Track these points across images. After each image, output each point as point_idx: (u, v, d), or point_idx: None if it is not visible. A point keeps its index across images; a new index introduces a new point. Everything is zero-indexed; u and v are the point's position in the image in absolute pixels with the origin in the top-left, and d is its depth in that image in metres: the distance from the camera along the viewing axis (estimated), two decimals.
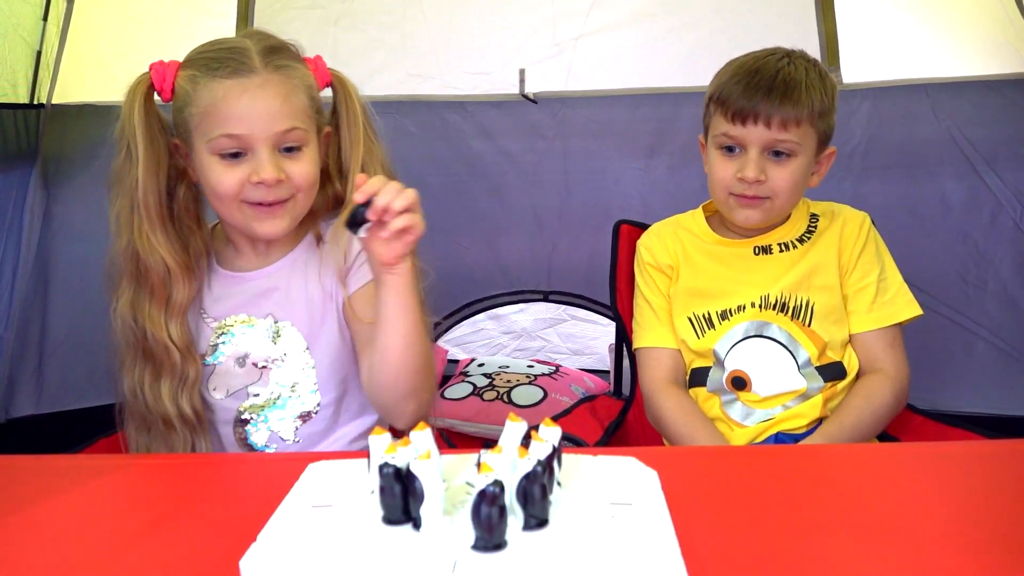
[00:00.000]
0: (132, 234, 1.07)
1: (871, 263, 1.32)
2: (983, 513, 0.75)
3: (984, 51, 2.06)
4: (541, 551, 0.62)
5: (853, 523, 0.73)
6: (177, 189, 1.12)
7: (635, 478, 0.75)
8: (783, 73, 1.23)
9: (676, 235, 1.40)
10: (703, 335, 1.32)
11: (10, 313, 2.17)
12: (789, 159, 1.25)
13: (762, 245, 1.34)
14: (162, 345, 1.08)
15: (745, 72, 1.25)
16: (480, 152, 2.29)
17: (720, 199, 1.31)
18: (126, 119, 1.05)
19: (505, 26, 2.27)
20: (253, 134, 1.03)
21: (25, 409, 2.20)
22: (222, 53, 1.05)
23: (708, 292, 1.33)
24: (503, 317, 2.63)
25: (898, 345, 1.31)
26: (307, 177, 1.08)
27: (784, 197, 1.27)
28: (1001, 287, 2.05)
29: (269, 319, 1.14)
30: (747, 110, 1.23)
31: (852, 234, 1.32)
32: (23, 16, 2.12)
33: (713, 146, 1.30)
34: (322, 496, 0.73)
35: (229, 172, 1.05)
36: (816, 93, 1.24)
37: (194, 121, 1.04)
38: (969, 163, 2.05)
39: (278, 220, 1.09)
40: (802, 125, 1.23)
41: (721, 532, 0.72)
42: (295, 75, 1.07)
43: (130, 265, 1.08)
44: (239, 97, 1.02)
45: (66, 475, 0.90)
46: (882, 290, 1.31)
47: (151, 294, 1.09)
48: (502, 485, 0.60)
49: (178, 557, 0.71)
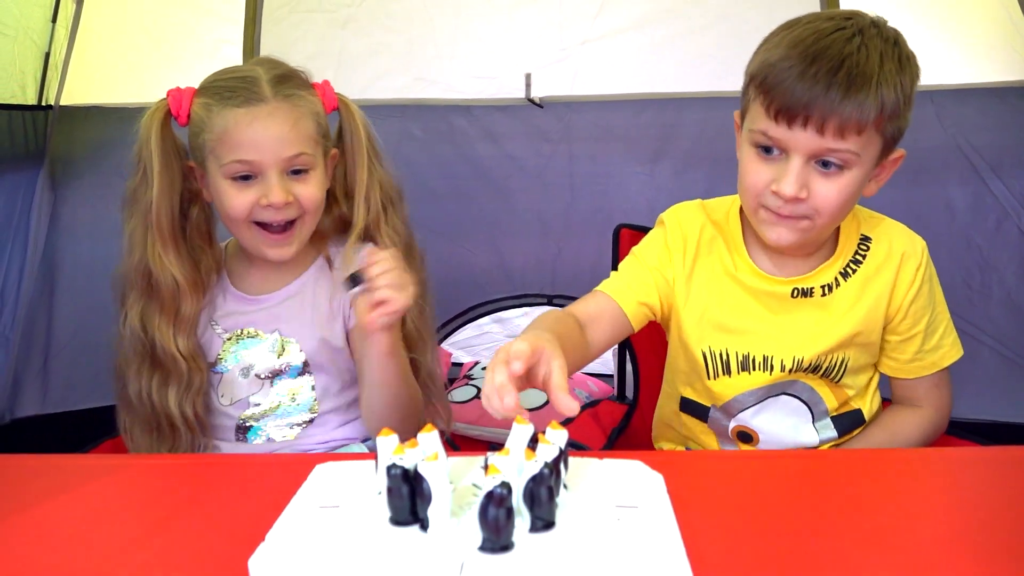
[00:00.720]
0: (145, 252, 1.13)
1: (923, 309, 1.11)
2: (987, 519, 0.75)
3: (989, 58, 2.07)
4: (548, 553, 0.62)
5: (858, 527, 0.73)
6: (191, 209, 1.18)
7: (641, 481, 0.75)
8: (851, 61, 0.94)
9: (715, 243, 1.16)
10: (715, 379, 1.15)
11: (16, 313, 2.18)
12: (840, 172, 0.98)
13: (803, 288, 1.10)
14: (170, 355, 1.14)
15: (800, 54, 0.95)
16: (485, 156, 2.30)
17: (749, 207, 1.07)
18: (143, 143, 1.12)
19: (511, 31, 2.28)
20: (263, 159, 1.09)
21: (30, 409, 2.20)
22: (234, 82, 1.11)
23: (730, 328, 1.13)
24: (507, 321, 2.63)
25: (942, 385, 1.15)
26: (313, 199, 1.14)
27: (827, 218, 1.01)
28: (1006, 294, 2.05)
29: (275, 334, 1.20)
30: (795, 109, 0.94)
31: (908, 278, 1.10)
32: (32, 18, 2.13)
33: (747, 141, 1.03)
34: (330, 497, 0.74)
35: (241, 195, 1.10)
36: (890, 89, 0.95)
37: (209, 146, 1.11)
38: (974, 170, 2.05)
39: (286, 247, 1.15)
40: (865, 131, 0.95)
41: (726, 535, 0.72)
42: (302, 103, 1.12)
43: (141, 280, 1.14)
44: (250, 124, 1.08)
45: (74, 475, 0.91)
46: (929, 334, 1.13)
47: (161, 308, 1.14)
48: (509, 487, 0.61)
49: (186, 556, 0.72)
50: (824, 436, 1.16)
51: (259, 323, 1.20)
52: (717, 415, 1.18)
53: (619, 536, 0.65)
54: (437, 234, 2.11)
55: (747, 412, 1.15)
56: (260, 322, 1.20)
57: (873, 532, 0.72)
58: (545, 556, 0.62)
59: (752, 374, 1.13)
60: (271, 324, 1.19)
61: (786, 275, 1.12)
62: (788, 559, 0.69)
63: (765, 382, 1.13)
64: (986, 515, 0.76)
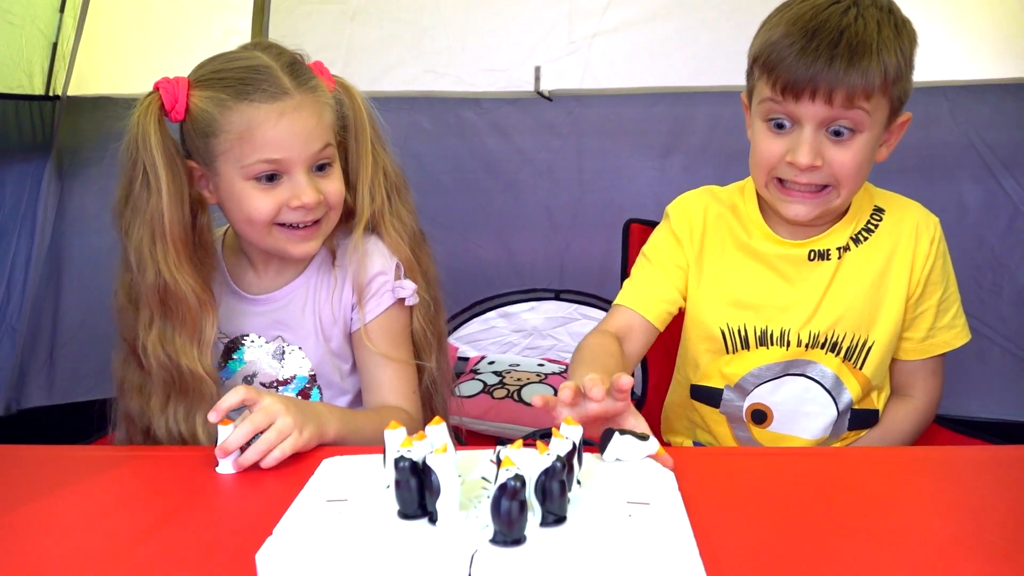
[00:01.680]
0: (159, 266, 1.01)
1: (937, 284, 1.13)
2: (998, 519, 0.74)
3: (1002, 54, 2.04)
4: (559, 547, 0.61)
5: (869, 525, 0.72)
6: (200, 217, 1.07)
7: (652, 478, 0.75)
8: (850, 32, 0.97)
9: (721, 221, 1.18)
10: (734, 353, 1.16)
11: (22, 304, 2.18)
12: (853, 136, 1.01)
13: (819, 250, 1.12)
14: (199, 379, 1.04)
15: (800, 30, 0.99)
16: (494, 149, 2.29)
17: (760, 182, 1.09)
18: (140, 143, 0.99)
19: (521, 23, 2.26)
20: (291, 157, 1.01)
21: (36, 400, 2.20)
22: (244, 73, 1.01)
23: (746, 303, 1.14)
24: (514, 315, 2.62)
25: (938, 372, 1.19)
26: (339, 194, 1.07)
27: (848, 186, 1.03)
28: (1017, 292, 2.03)
29: (278, 341, 1.14)
30: (802, 82, 0.97)
31: (924, 250, 1.12)
32: (40, 8, 2.12)
33: (758, 116, 1.06)
34: (337, 491, 0.73)
35: (266, 198, 1.02)
36: (891, 54, 0.98)
37: (223, 146, 1.01)
38: (987, 167, 2.03)
39: (312, 242, 1.08)
40: (872, 97, 0.98)
41: (737, 532, 0.72)
42: (322, 92, 1.05)
43: (157, 298, 1.03)
44: (278, 122, 0.99)
45: (81, 466, 0.91)
46: (941, 312, 1.14)
47: (181, 327, 1.03)
48: (523, 480, 0.60)
49: (194, 549, 0.71)
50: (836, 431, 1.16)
51: (260, 328, 1.14)
52: (731, 396, 1.18)
53: (631, 532, 0.64)
54: (445, 227, 2.10)
55: (764, 387, 1.15)
56: (261, 327, 1.14)
57: (884, 530, 0.72)
58: (556, 550, 0.61)
59: (770, 349, 1.14)
60: (272, 330, 1.14)
61: (800, 238, 1.13)
62: (799, 556, 0.68)
63: (783, 357, 1.14)
64: (996, 514, 0.75)
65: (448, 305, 1.26)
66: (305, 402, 1.02)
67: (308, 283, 1.15)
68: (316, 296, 1.14)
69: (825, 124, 1.01)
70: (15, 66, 2.08)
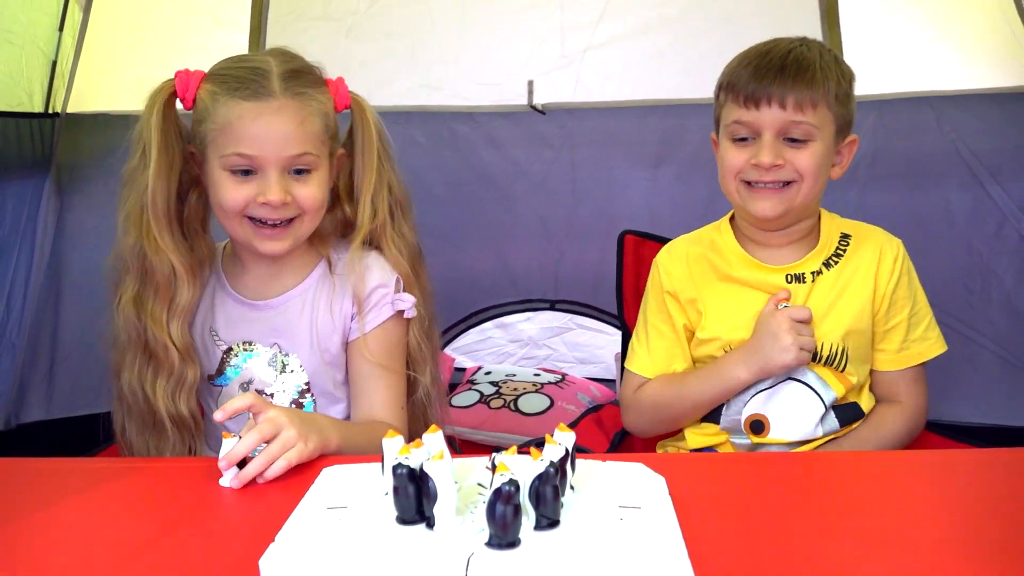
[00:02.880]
0: (140, 234, 1.09)
1: (904, 300, 1.24)
2: (985, 520, 0.76)
3: (988, 64, 2.08)
4: (553, 550, 0.63)
5: (857, 529, 0.74)
6: (190, 195, 1.14)
7: (643, 483, 0.77)
8: (795, 53, 1.17)
9: (703, 259, 1.29)
10: None
11: (22, 319, 2.19)
12: (807, 144, 1.16)
13: (795, 273, 1.23)
14: (162, 344, 1.09)
15: (755, 55, 1.19)
16: (488, 162, 2.31)
17: (730, 189, 1.22)
18: (144, 123, 1.08)
19: (514, 38, 2.29)
20: (264, 155, 1.05)
21: (35, 415, 2.21)
22: (244, 72, 1.07)
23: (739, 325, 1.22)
24: (510, 325, 2.64)
25: (920, 380, 1.26)
26: (313, 200, 1.10)
27: (810, 180, 1.17)
28: (1005, 298, 2.06)
29: (275, 348, 1.16)
30: (759, 92, 1.15)
31: (887, 269, 1.23)
32: (39, 26, 2.15)
33: (725, 137, 1.22)
34: (337, 498, 0.75)
35: (237, 189, 1.07)
36: (831, 76, 1.16)
37: (210, 135, 1.07)
38: (973, 175, 2.06)
39: (279, 243, 1.11)
40: (819, 107, 1.15)
41: (727, 535, 0.74)
42: (312, 101, 1.09)
43: (136, 263, 1.10)
44: (255, 120, 1.05)
45: (84, 477, 0.92)
46: (913, 326, 1.24)
47: (155, 293, 1.10)
48: (518, 484, 0.62)
49: (198, 557, 0.73)
50: (828, 427, 1.21)
51: (257, 336, 1.16)
52: (730, 411, 1.24)
53: (622, 535, 0.66)
54: (441, 239, 2.12)
55: (760, 397, 1.21)
56: (258, 334, 1.16)
57: (872, 533, 0.73)
58: (550, 553, 0.63)
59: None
60: (270, 337, 1.16)
61: (777, 263, 1.25)
62: (787, 559, 0.70)
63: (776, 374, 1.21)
64: (983, 516, 0.77)
65: (444, 316, 1.29)
66: (308, 414, 1.05)
67: (307, 292, 1.17)
68: (315, 304, 1.16)
69: (782, 132, 1.16)
70: (15, 84, 2.11)
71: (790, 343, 1.13)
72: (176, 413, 1.11)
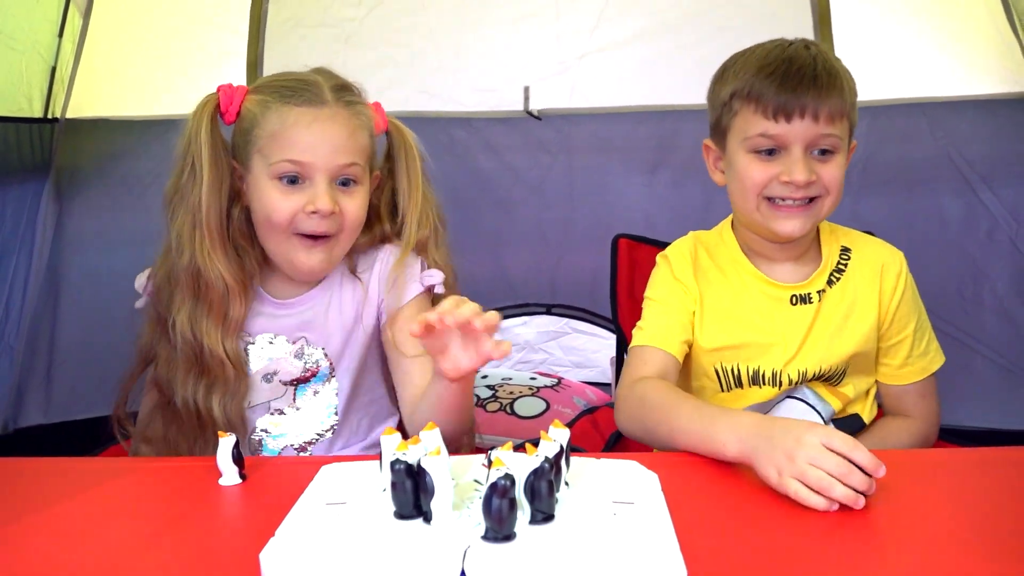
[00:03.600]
0: (194, 251, 1.09)
1: (908, 315, 1.20)
2: (981, 519, 0.77)
3: (980, 71, 2.10)
4: (547, 543, 0.64)
5: (849, 526, 0.75)
6: (232, 209, 1.14)
7: (637, 480, 0.78)
8: (820, 60, 1.09)
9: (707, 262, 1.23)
10: (728, 391, 1.20)
11: (20, 323, 2.20)
12: (833, 156, 1.11)
13: (802, 294, 1.19)
14: (218, 360, 1.10)
15: (778, 61, 1.10)
16: (486, 167, 2.33)
17: (750, 207, 1.14)
18: (192, 137, 1.08)
19: (510, 44, 2.31)
20: (316, 162, 1.07)
21: (33, 419, 2.21)
22: (294, 83, 1.09)
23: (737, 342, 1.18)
24: (507, 330, 2.65)
25: (929, 394, 1.22)
26: (357, 214, 1.11)
27: (834, 195, 1.12)
28: (998, 303, 2.08)
29: (301, 342, 1.18)
30: (791, 103, 1.07)
31: (891, 286, 1.19)
32: (39, 32, 2.16)
33: (743, 149, 1.13)
34: (336, 495, 0.76)
35: (286, 198, 1.08)
36: (850, 82, 1.12)
37: (258, 143, 1.08)
38: (965, 181, 2.08)
39: (318, 253, 1.11)
40: (844, 118, 1.10)
41: (719, 531, 0.75)
42: (361, 114, 1.11)
43: (190, 281, 1.10)
44: (309, 125, 1.06)
45: (85, 477, 0.93)
46: (918, 339, 1.20)
47: (209, 310, 1.10)
48: (513, 479, 0.63)
49: (199, 552, 0.74)
50: None
51: (285, 330, 1.17)
52: None
53: (615, 530, 0.67)
54: None
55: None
56: (286, 329, 1.17)
57: (864, 531, 0.74)
58: (544, 546, 0.64)
59: (763, 388, 1.19)
60: (297, 332, 1.17)
61: (783, 280, 1.20)
62: (777, 553, 0.71)
63: (775, 394, 1.19)
64: (980, 515, 0.78)
65: None
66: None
67: (332, 287, 1.19)
68: (341, 298, 1.19)
69: (811, 146, 1.10)
70: (15, 89, 2.12)
71: (799, 471, 0.80)
72: (228, 421, 1.12)
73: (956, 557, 0.69)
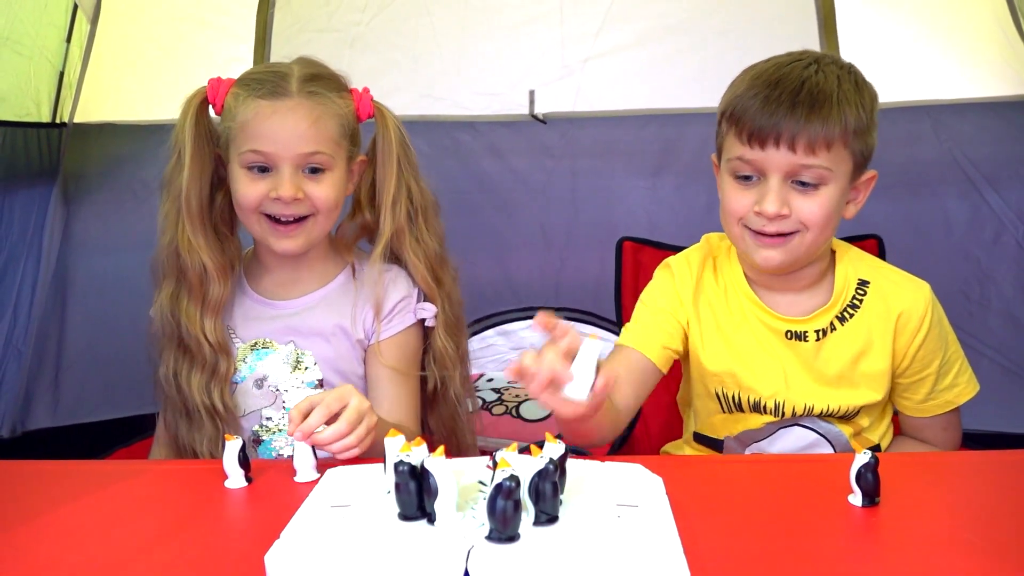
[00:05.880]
0: (176, 233, 1.14)
1: (933, 353, 1.12)
2: (985, 522, 0.77)
3: (985, 73, 2.10)
4: (551, 545, 0.65)
5: (854, 530, 0.75)
6: (217, 195, 1.19)
7: (641, 483, 0.78)
8: (810, 83, 1.01)
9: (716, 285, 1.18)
10: (729, 414, 1.17)
11: (28, 327, 2.21)
12: (817, 189, 1.02)
13: (796, 331, 1.12)
14: (195, 339, 1.15)
15: (764, 83, 1.03)
16: (490, 171, 2.33)
17: (734, 234, 1.10)
18: (179, 127, 1.14)
19: (515, 48, 2.32)
20: (278, 152, 1.10)
21: (42, 422, 2.22)
22: (266, 75, 1.13)
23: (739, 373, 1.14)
24: (512, 333, 2.65)
25: (952, 427, 1.16)
26: (327, 200, 1.13)
27: (815, 232, 1.04)
28: (1004, 305, 2.07)
29: (291, 346, 1.19)
30: (766, 130, 1.00)
31: (912, 330, 1.10)
32: (47, 38, 2.18)
33: (726, 172, 1.08)
34: (341, 497, 0.77)
35: (253, 185, 1.12)
36: (851, 107, 1.01)
37: (231, 134, 1.13)
38: (971, 183, 2.08)
39: (292, 240, 1.14)
40: (833, 147, 1.00)
41: (723, 534, 0.75)
42: (327, 103, 1.13)
43: (171, 262, 1.16)
44: (269, 117, 1.10)
45: (91, 480, 0.93)
46: (943, 374, 1.13)
47: (189, 291, 1.15)
48: (518, 480, 0.64)
49: (204, 554, 0.74)
50: None
51: (275, 334, 1.19)
52: (732, 445, 1.19)
53: (619, 532, 0.68)
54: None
55: (763, 443, 1.16)
56: (276, 333, 1.19)
57: (870, 535, 0.74)
58: (548, 548, 0.64)
59: (763, 415, 1.15)
60: (287, 335, 1.18)
61: (781, 312, 1.13)
62: (781, 557, 0.71)
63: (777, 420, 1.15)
64: (985, 518, 0.78)
65: None
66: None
67: (330, 295, 1.21)
68: (338, 309, 1.19)
69: (790, 175, 1.03)
70: (23, 94, 2.13)
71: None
72: (211, 405, 1.15)
73: (961, 560, 0.69)
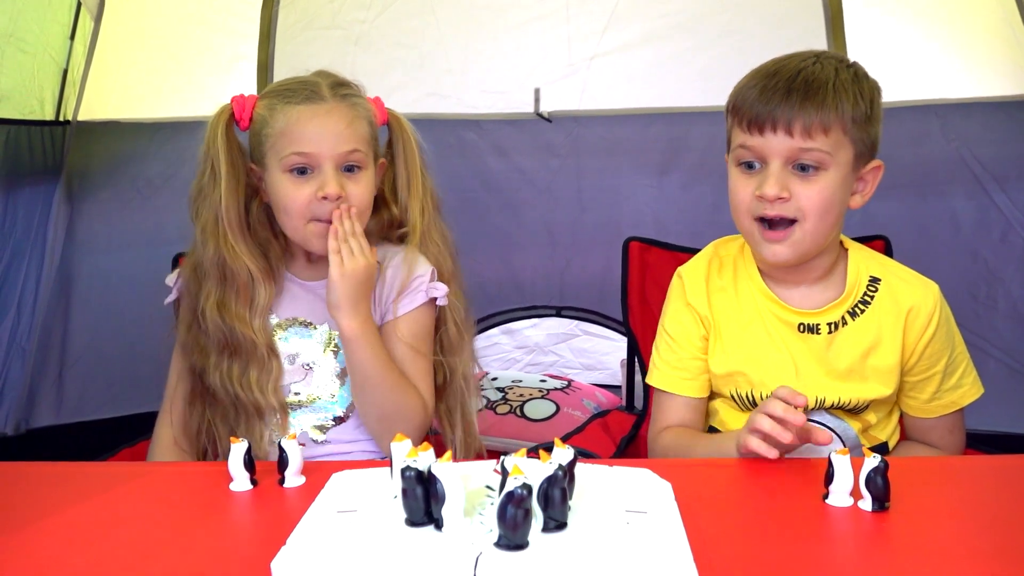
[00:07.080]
0: (218, 243, 1.19)
1: (940, 352, 1.15)
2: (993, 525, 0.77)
3: (993, 72, 2.09)
4: (560, 552, 0.64)
5: (864, 536, 0.75)
6: (251, 205, 1.24)
7: (650, 488, 0.77)
8: (806, 72, 1.06)
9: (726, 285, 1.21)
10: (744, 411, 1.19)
11: (32, 325, 2.21)
12: (817, 173, 1.06)
13: (810, 323, 1.15)
14: (250, 341, 1.20)
15: (762, 75, 1.09)
16: (495, 169, 2.33)
17: (744, 227, 1.14)
18: (210, 143, 1.19)
19: (520, 46, 2.31)
20: (320, 152, 1.16)
21: (45, 420, 2.23)
22: (296, 85, 1.20)
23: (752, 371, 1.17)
24: (516, 332, 2.66)
25: (957, 429, 1.18)
26: (363, 197, 1.19)
27: (814, 219, 1.07)
28: (1011, 305, 2.06)
29: (325, 326, 1.24)
30: (763, 115, 1.06)
31: (921, 325, 1.13)
32: (51, 35, 2.17)
33: (732, 162, 1.13)
34: (347, 502, 0.76)
35: (298, 189, 1.17)
36: (848, 95, 1.06)
37: (270, 142, 1.18)
38: (978, 182, 2.07)
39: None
40: (831, 132, 1.05)
41: (732, 541, 0.74)
42: (359, 105, 1.21)
43: (216, 270, 1.20)
44: (310, 120, 1.16)
45: (96, 481, 0.93)
46: (948, 374, 1.16)
47: (237, 295, 1.20)
48: (530, 488, 0.63)
49: (210, 559, 0.74)
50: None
51: (311, 313, 1.24)
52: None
53: (628, 539, 0.67)
54: None
55: None
56: (312, 312, 1.24)
57: (879, 539, 0.74)
58: (557, 555, 0.64)
59: None
60: (323, 315, 1.23)
61: (794, 305, 1.16)
62: (791, 563, 0.70)
63: None
64: (994, 522, 0.78)
65: None
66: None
67: None
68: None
69: (790, 160, 1.07)
70: (27, 92, 2.13)
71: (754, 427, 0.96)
72: (267, 403, 1.20)
73: (972, 566, 0.69)
